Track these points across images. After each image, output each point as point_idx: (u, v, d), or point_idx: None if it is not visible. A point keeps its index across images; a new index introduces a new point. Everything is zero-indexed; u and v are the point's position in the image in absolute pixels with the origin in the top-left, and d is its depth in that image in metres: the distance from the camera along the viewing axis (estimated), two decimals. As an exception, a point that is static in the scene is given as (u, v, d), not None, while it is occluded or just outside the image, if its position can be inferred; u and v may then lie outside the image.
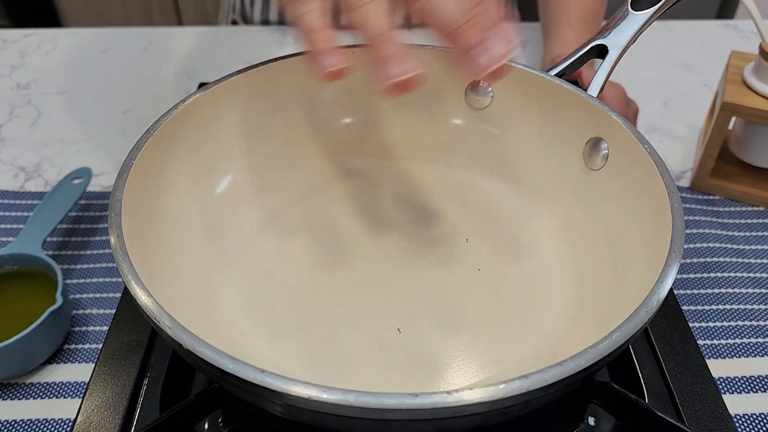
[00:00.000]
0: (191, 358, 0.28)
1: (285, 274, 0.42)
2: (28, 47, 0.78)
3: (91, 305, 0.48)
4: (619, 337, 0.28)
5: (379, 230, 0.45)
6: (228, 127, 0.44)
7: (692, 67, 0.75)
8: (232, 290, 0.40)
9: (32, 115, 0.67)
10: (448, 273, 0.42)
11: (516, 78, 0.44)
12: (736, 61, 0.57)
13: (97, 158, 0.61)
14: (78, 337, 0.45)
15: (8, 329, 0.41)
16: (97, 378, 0.39)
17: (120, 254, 0.31)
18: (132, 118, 0.67)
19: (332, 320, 0.39)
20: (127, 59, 0.75)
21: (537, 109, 0.45)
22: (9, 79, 0.72)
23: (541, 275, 0.42)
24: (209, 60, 0.76)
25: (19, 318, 0.42)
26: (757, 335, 0.46)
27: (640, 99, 0.61)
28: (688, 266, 0.51)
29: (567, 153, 0.43)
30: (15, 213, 0.55)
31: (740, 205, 0.57)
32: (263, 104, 0.45)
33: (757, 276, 0.50)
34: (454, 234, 0.45)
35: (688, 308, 0.47)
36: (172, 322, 0.28)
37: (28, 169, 0.60)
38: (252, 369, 0.26)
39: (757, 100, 0.53)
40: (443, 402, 0.26)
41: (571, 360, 0.27)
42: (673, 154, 0.62)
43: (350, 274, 0.42)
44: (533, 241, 0.44)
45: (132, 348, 0.40)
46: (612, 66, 0.42)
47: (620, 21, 0.44)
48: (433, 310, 0.40)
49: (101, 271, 0.50)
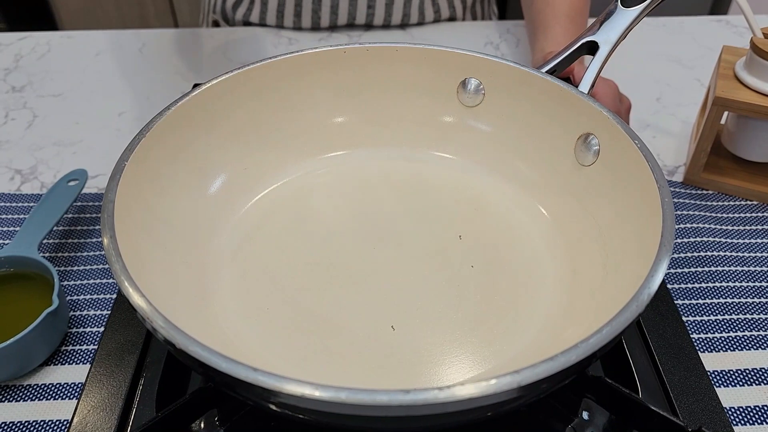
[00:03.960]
0: (185, 357, 0.28)
1: (278, 273, 0.42)
2: (23, 50, 0.78)
3: (88, 306, 0.48)
4: (610, 332, 0.28)
5: (372, 228, 0.45)
6: (220, 128, 0.44)
7: (685, 62, 0.75)
8: (226, 289, 0.41)
9: (27, 118, 0.67)
10: (441, 270, 0.42)
11: (507, 75, 0.44)
12: (728, 56, 0.57)
13: (93, 160, 0.61)
14: (75, 339, 0.45)
15: (5, 331, 0.41)
16: (93, 379, 0.39)
17: (113, 255, 0.32)
18: (127, 119, 0.67)
19: (326, 318, 0.39)
20: (122, 61, 0.76)
21: (528, 106, 0.45)
22: (4, 82, 0.72)
23: (534, 271, 0.42)
24: (203, 61, 0.76)
25: (16, 320, 0.42)
26: (751, 328, 0.46)
27: (633, 95, 0.62)
28: (682, 260, 0.51)
29: (558, 149, 0.44)
30: (10, 215, 0.55)
31: (733, 199, 0.57)
32: (255, 104, 0.45)
33: (751, 269, 0.50)
34: (448, 231, 0.45)
35: (682, 302, 0.48)
36: (165, 323, 0.29)
37: (23, 171, 0.60)
38: (244, 368, 0.27)
39: (749, 95, 0.53)
40: (435, 398, 0.26)
41: (561, 355, 0.27)
42: (666, 149, 0.62)
43: (343, 272, 0.42)
44: (526, 237, 0.44)
45: (127, 348, 0.40)
46: (602, 62, 0.43)
47: (610, 17, 0.44)
48: (427, 308, 0.40)
49: (97, 272, 0.50)
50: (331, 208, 0.46)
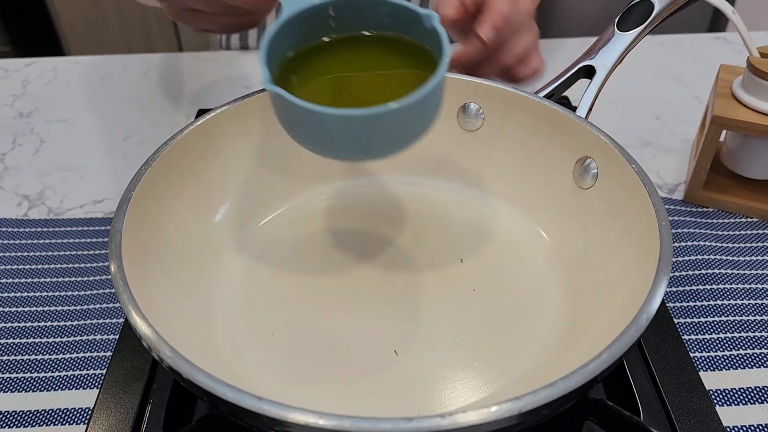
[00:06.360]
0: (191, 386, 0.29)
1: (282, 298, 0.43)
2: (30, 76, 0.79)
3: (95, 331, 0.48)
4: (608, 357, 0.29)
5: (374, 252, 0.46)
6: (224, 156, 0.45)
7: (684, 80, 0.75)
8: (231, 315, 0.41)
9: (35, 144, 0.68)
10: (443, 294, 0.43)
11: (507, 100, 0.45)
12: (725, 74, 0.58)
13: (99, 185, 0.62)
14: (82, 364, 0.46)
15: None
16: (100, 405, 0.39)
17: (121, 285, 0.32)
18: (132, 143, 0.68)
19: (330, 344, 0.40)
20: (127, 86, 0.77)
21: (528, 130, 0.45)
22: (12, 108, 0.73)
23: (535, 293, 0.42)
24: (208, 85, 0.77)
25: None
26: (753, 346, 0.46)
27: (633, 112, 0.62)
28: (683, 278, 0.51)
29: (558, 172, 0.44)
30: (18, 241, 0.56)
31: (734, 217, 0.57)
32: (258, 132, 0.46)
33: (753, 287, 0.51)
34: (449, 255, 0.45)
35: (683, 321, 0.48)
36: (172, 352, 0.29)
37: (31, 197, 0.61)
38: (250, 397, 0.27)
39: (747, 114, 0.54)
40: (437, 426, 0.26)
41: (561, 381, 0.28)
42: (666, 166, 0.63)
43: (346, 296, 0.43)
44: (526, 260, 0.45)
45: (134, 375, 0.41)
46: (599, 86, 0.43)
47: (607, 41, 0.45)
48: (429, 331, 0.40)
49: (103, 297, 0.51)
50: (334, 233, 0.47)
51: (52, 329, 0.48)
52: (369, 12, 0.38)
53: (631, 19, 0.45)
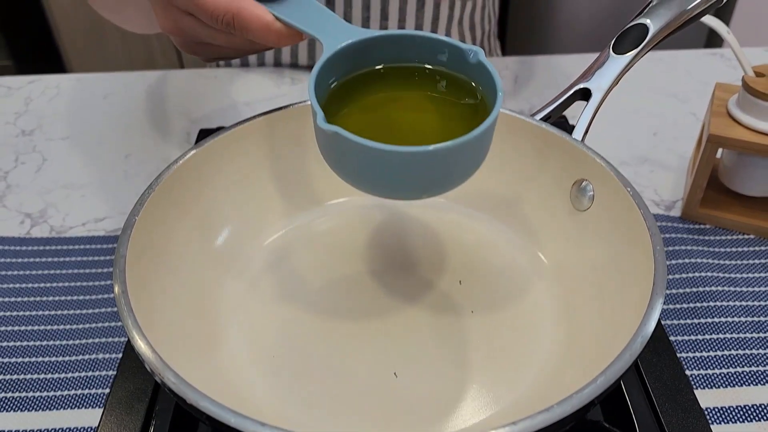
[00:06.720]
0: (195, 411, 0.29)
1: (283, 320, 0.43)
2: (32, 93, 0.80)
3: (98, 350, 0.49)
4: (604, 381, 0.29)
5: (373, 274, 0.46)
6: (226, 179, 0.46)
7: (680, 96, 0.76)
8: (233, 338, 0.42)
9: (37, 162, 0.69)
10: (442, 316, 0.43)
11: (503, 122, 0.46)
12: (721, 93, 0.58)
13: (101, 202, 0.63)
14: (86, 383, 0.46)
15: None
16: (104, 427, 0.40)
17: (125, 310, 0.33)
18: (133, 161, 0.68)
19: (330, 366, 0.40)
20: (128, 103, 0.77)
21: (524, 152, 0.46)
22: (14, 126, 0.74)
23: (533, 315, 0.43)
24: (209, 102, 0.77)
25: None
26: (750, 364, 0.47)
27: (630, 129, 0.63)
28: (680, 296, 0.52)
29: (555, 194, 0.45)
30: (21, 259, 0.57)
31: (731, 234, 0.58)
32: (260, 155, 0.47)
33: (750, 304, 0.51)
34: (448, 276, 0.46)
35: (680, 338, 0.48)
36: (176, 378, 0.30)
37: (33, 215, 0.62)
38: (253, 422, 0.28)
39: (743, 132, 0.54)
40: (435, 451, 0.27)
41: (558, 405, 0.28)
42: (664, 183, 0.63)
43: (346, 319, 0.43)
44: (524, 282, 0.45)
45: (137, 396, 0.41)
46: (596, 108, 0.44)
47: (602, 64, 0.45)
48: (428, 354, 0.41)
49: (106, 315, 0.51)
50: (333, 256, 0.47)
51: (56, 348, 0.49)
52: (408, 45, 0.37)
53: (626, 41, 0.46)
